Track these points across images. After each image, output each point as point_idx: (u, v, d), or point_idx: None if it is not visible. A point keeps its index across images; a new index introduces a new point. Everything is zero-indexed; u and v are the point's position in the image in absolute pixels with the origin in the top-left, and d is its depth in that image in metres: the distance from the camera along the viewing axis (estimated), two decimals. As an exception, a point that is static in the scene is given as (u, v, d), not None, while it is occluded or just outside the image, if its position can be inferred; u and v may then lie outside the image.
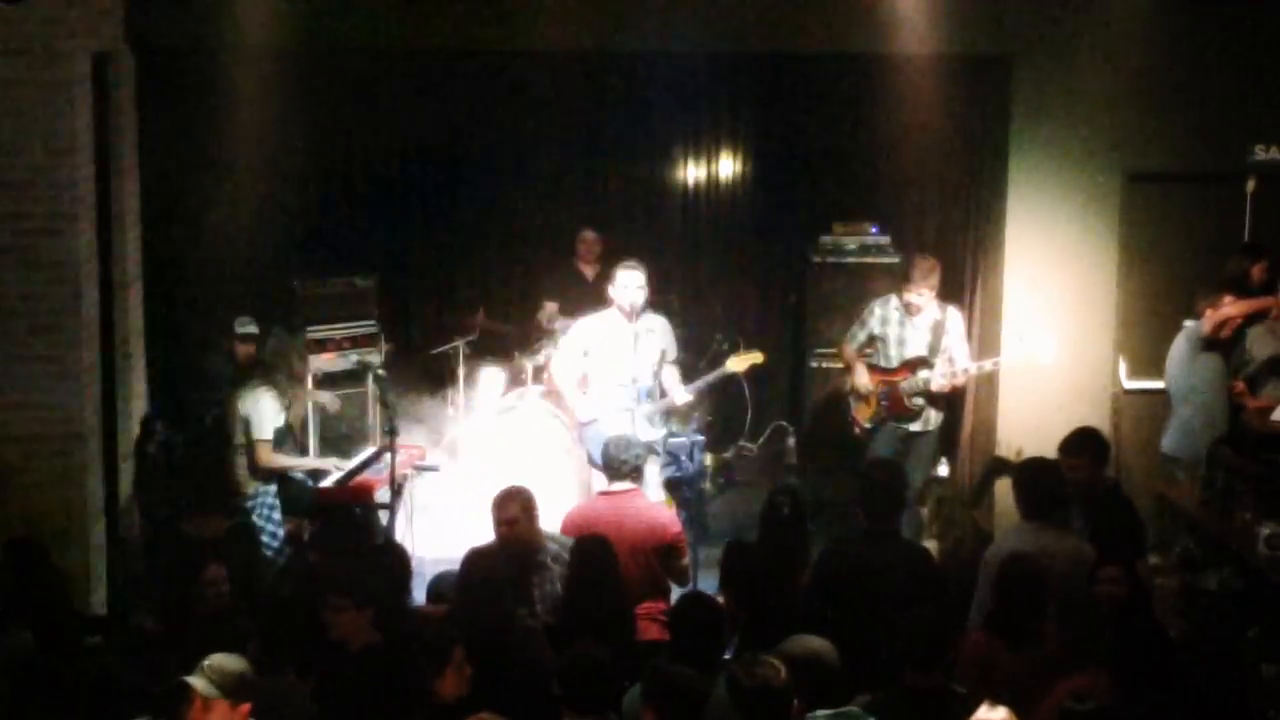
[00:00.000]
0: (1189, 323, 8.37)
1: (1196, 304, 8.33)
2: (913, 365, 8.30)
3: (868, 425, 8.45)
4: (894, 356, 8.37)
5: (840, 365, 8.81)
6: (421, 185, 10.31)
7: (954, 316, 8.41)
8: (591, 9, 8.62)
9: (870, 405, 8.42)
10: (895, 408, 8.35)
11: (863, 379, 8.38)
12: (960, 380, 8.38)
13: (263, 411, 8.00)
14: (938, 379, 8.20)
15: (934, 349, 8.31)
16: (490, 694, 5.08)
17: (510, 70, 9.74)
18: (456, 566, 6.54)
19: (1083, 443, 6.74)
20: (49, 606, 5.90)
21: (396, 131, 10.09)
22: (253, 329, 8.87)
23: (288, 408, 8.17)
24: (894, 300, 8.40)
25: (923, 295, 8.23)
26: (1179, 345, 8.38)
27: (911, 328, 8.33)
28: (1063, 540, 6.23)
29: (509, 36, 8.64)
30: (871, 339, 8.45)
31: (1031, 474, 6.48)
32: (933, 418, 8.41)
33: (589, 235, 9.85)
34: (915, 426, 8.38)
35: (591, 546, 6.25)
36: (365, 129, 10.04)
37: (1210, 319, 8.16)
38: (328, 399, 8.94)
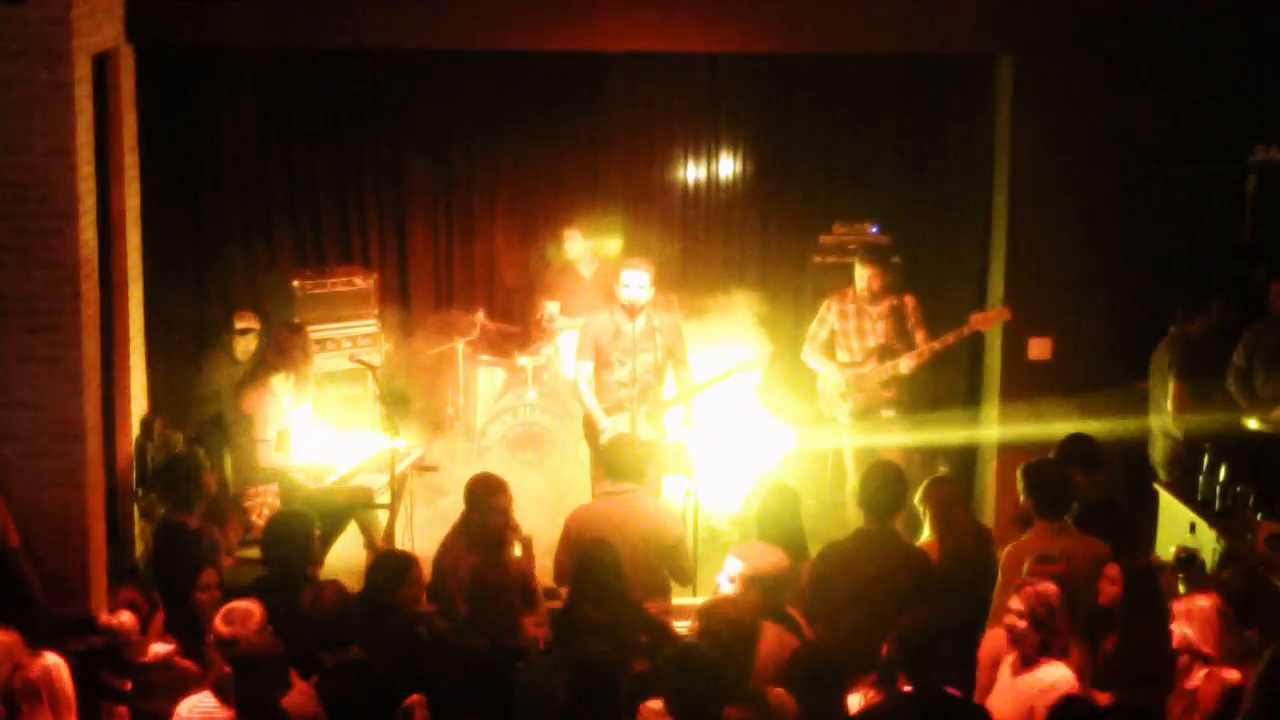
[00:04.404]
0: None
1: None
2: (878, 354, 8.43)
3: (846, 419, 8.61)
4: (857, 348, 8.52)
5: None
6: (421, 184, 10.31)
7: (908, 301, 8.59)
8: (592, 9, 8.61)
9: (845, 399, 8.56)
10: (869, 397, 8.48)
11: (835, 377, 8.58)
12: (926, 357, 8.48)
13: (265, 410, 7.99)
14: (906, 361, 8.38)
15: (895, 334, 8.47)
16: None
17: (510, 70, 9.74)
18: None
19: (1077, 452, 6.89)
20: (23, 610, 5.88)
21: (396, 131, 10.09)
22: (254, 325, 8.87)
23: (291, 407, 8.16)
24: (849, 294, 8.59)
25: (881, 280, 8.41)
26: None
27: (869, 318, 8.48)
28: (1081, 540, 6.25)
29: (508, 37, 8.64)
30: (832, 335, 8.62)
31: (1042, 474, 6.48)
32: (906, 401, 8.58)
33: (568, 233, 9.88)
34: (891, 412, 8.55)
35: (595, 552, 6.20)
36: (364, 128, 10.04)
37: None
38: None
